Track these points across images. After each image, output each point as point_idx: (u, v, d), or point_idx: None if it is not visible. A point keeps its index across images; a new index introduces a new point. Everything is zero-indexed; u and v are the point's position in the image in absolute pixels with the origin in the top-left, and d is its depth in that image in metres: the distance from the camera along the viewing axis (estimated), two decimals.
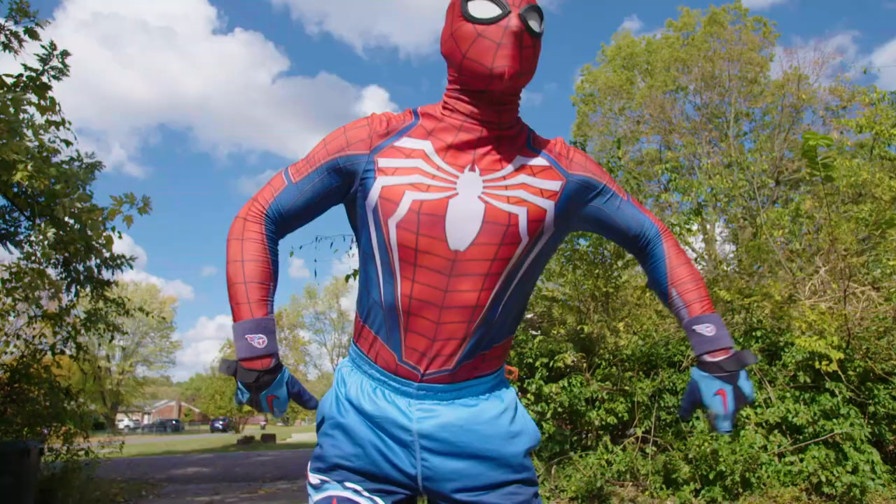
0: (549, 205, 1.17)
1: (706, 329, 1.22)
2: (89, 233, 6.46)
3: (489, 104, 1.14)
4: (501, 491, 1.20)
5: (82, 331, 6.78)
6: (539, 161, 1.19)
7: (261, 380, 1.16)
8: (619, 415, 5.64)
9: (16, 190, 6.46)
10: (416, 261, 1.14)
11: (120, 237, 6.67)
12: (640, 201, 6.98)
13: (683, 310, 1.25)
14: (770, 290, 6.10)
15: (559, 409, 5.68)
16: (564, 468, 5.46)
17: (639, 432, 5.52)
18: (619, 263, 6.67)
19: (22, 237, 6.89)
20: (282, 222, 1.26)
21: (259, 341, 1.17)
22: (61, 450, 6.98)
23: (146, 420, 56.40)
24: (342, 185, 1.22)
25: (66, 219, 6.33)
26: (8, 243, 6.86)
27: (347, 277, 6.45)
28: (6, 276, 6.87)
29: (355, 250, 8.39)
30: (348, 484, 1.20)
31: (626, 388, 5.70)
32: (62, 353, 6.65)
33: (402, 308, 1.17)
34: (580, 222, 1.27)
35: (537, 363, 5.88)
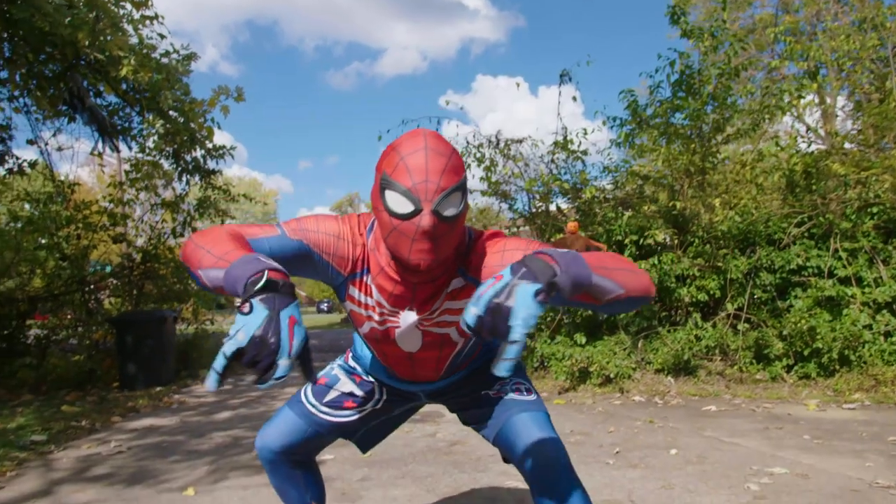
0: None
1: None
2: (192, 125, 6.86)
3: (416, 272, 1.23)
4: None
5: (196, 216, 7.40)
6: (458, 283, 1.30)
7: (282, 288, 0.92)
8: (711, 292, 5.54)
9: (124, 87, 6.88)
10: (383, 350, 1.45)
11: (219, 128, 7.04)
12: (750, 76, 6.34)
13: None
14: (893, 162, 5.53)
15: None
16: (651, 342, 5.54)
17: (731, 309, 5.43)
18: (719, 138, 6.24)
19: (136, 132, 7.43)
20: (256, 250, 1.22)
21: (263, 259, 0.98)
22: (191, 320, 7.93)
23: None
24: (315, 267, 1.30)
25: (170, 112, 6.73)
26: (126, 139, 7.44)
27: None
28: (126, 168, 7.52)
29: (443, 131, 8.43)
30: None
31: (720, 265, 5.54)
32: (181, 235, 7.33)
33: (382, 361, 1.51)
34: None
35: (626, 240, 5.81)
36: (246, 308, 0.89)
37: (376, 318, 1.35)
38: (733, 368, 5.23)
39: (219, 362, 0.87)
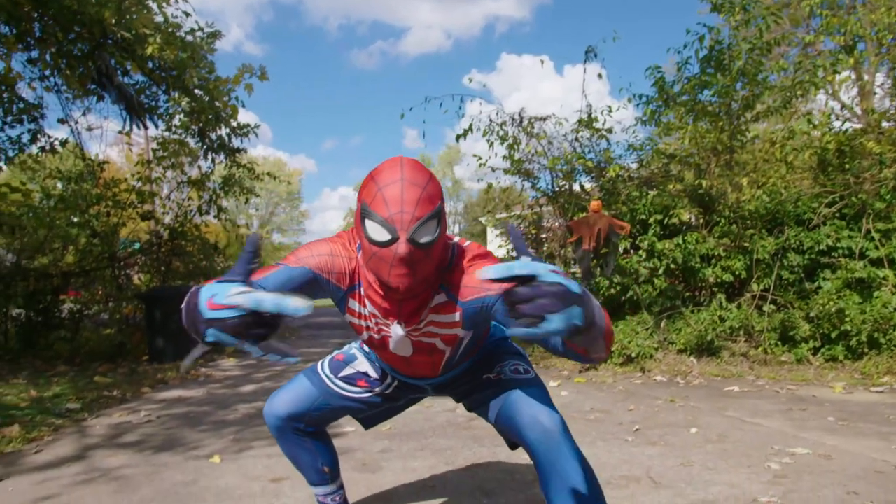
0: (456, 329, 1.38)
1: None
2: (216, 103, 6.93)
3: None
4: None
5: (221, 193, 7.51)
6: (441, 299, 1.35)
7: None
8: (736, 273, 5.46)
9: (151, 66, 6.96)
10: (381, 354, 1.56)
11: (244, 106, 7.09)
12: (784, 52, 6.11)
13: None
14: None
15: (672, 266, 5.59)
16: (675, 322, 5.49)
17: (756, 290, 5.34)
18: (748, 116, 6.09)
19: (162, 110, 7.53)
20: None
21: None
22: None
23: None
24: (322, 287, 1.39)
25: (196, 90, 6.80)
26: (153, 117, 7.54)
27: (458, 137, 6.47)
28: (154, 146, 7.63)
29: (466, 110, 8.35)
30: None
31: (746, 245, 5.44)
32: (206, 213, 7.45)
33: (384, 361, 1.62)
34: (494, 316, 1.35)
35: (651, 219, 5.73)
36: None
37: (372, 327, 1.44)
38: (758, 350, 5.17)
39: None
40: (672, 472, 2.54)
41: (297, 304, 0.86)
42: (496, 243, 8.01)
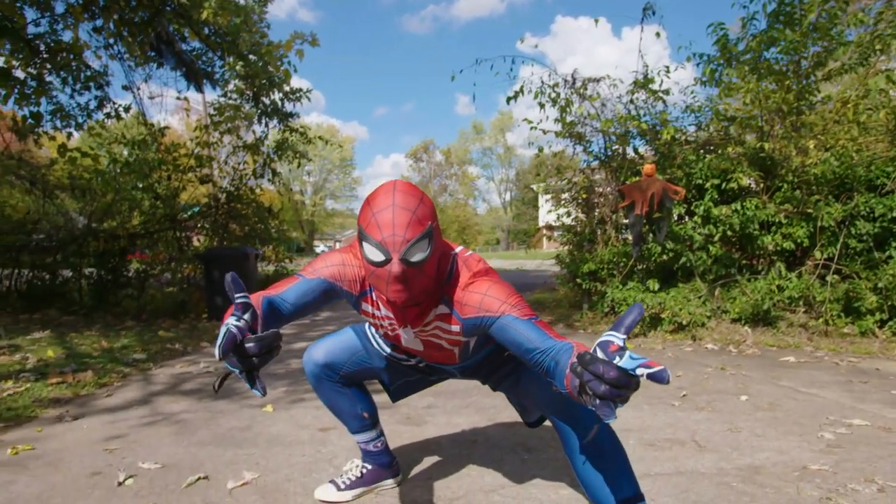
0: (458, 336, 1.47)
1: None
2: (269, 68, 7.03)
3: None
4: None
5: (275, 158, 7.67)
6: (443, 310, 1.43)
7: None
8: (798, 240, 5.21)
9: (206, 32, 7.10)
10: (400, 348, 1.68)
11: (296, 71, 7.16)
12: (865, 6, 5.63)
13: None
14: None
15: (728, 233, 5.39)
16: (729, 291, 5.32)
17: (819, 258, 5.10)
18: (819, 74, 5.71)
19: (218, 76, 7.71)
20: (282, 305, 1.39)
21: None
22: (272, 259, 8.36)
23: (338, 246, 64.32)
24: (338, 294, 1.51)
25: (249, 55, 6.92)
26: (210, 82, 7.73)
27: (508, 99, 6.36)
28: (211, 111, 7.83)
29: (517, 72, 8.17)
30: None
31: (810, 211, 5.17)
32: (261, 176, 7.64)
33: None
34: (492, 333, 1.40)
35: (707, 184, 5.52)
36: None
37: (387, 326, 1.55)
38: (818, 321, 4.95)
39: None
40: (718, 436, 2.50)
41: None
42: (545, 208, 7.90)
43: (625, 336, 0.99)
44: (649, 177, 5.14)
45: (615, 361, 0.93)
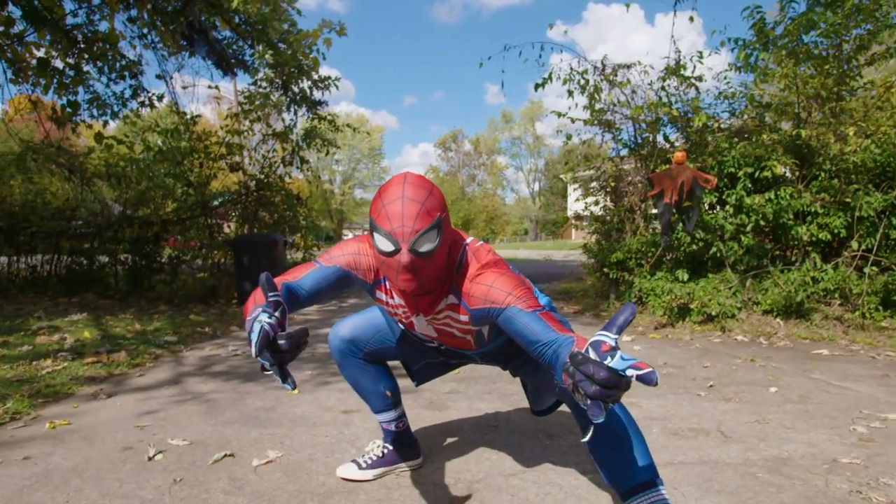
0: (468, 325, 1.50)
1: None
2: (299, 57, 7.09)
3: None
4: None
5: (304, 146, 7.75)
6: (452, 300, 1.46)
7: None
8: (835, 231, 5.06)
9: (237, 20, 7.18)
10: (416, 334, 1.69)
11: (324, 59, 7.20)
12: (893, 20, 5.38)
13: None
14: None
15: (761, 223, 5.26)
16: (761, 282, 5.19)
17: (857, 250, 4.94)
18: (861, 59, 5.50)
19: (248, 64, 7.80)
20: (299, 290, 1.44)
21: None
22: (301, 247, 8.46)
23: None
24: (353, 281, 1.55)
25: (279, 43, 6.98)
26: (240, 70, 7.83)
27: (537, 86, 6.29)
28: (241, 99, 7.93)
29: (546, 59, 8.05)
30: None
31: (848, 200, 5.01)
32: (290, 164, 7.72)
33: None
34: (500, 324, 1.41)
35: (740, 173, 5.38)
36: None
37: (401, 314, 1.58)
38: (854, 314, 4.81)
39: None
40: (745, 427, 2.45)
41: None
42: (574, 197, 7.81)
43: (617, 336, 0.99)
44: (680, 165, 5.03)
45: (606, 362, 0.93)
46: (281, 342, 1.06)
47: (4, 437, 2.32)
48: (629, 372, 0.92)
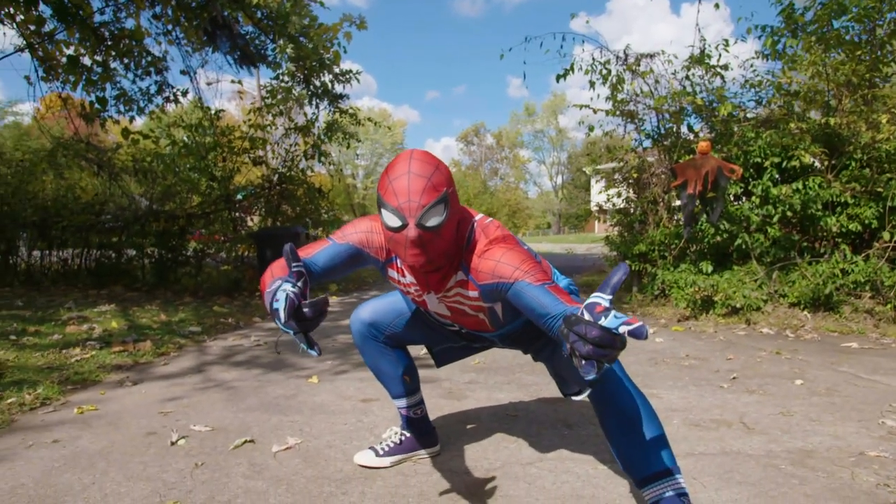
0: (478, 302, 1.50)
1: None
2: (320, 51, 7.12)
3: None
4: None
5: (325, 139, 7.79)
6: (461, 276, 1.46)
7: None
8: (866, 222, 4.92)
9: (259, 15, 7.24)
10: (430, 314, 1.69)
11: (345, 52, 7.23)
12: None
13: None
14: None
15: (788, 214, 5.14)
16: (788, 274, 5.08)
17: (888, 240, 4.80)
18: (895, 44, 5.33)
19: (270, 58, 7.87)
20: (312, 266, 1.46)
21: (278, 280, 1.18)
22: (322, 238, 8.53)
23: None
24: (365, 259, 1.56)
25: (300, 37, 7.02)
26: (262, 64, 7.90)
27: (558, 77, 6.23)
28: (264, 93, 8.00)
29: (568, 49, 7.95)
30: None
31: (880, 190, 4.87)
32: (312, 157, 7.78)
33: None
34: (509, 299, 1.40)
35: (766, 163, 5.26)
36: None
37: (413, 293, 1.59)
38: (887, 307, 4.68)
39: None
40: (768, 419, 2.41)
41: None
42: (597, 189, 7.74)
43: (610, 296, 1.01)
44: (704, 154, 4.94)
45: (600, 322, 0.95)
46: (305, 310, 1.09)
47: (35, 421, 2.39)
48: (621, 329, 0.93)
